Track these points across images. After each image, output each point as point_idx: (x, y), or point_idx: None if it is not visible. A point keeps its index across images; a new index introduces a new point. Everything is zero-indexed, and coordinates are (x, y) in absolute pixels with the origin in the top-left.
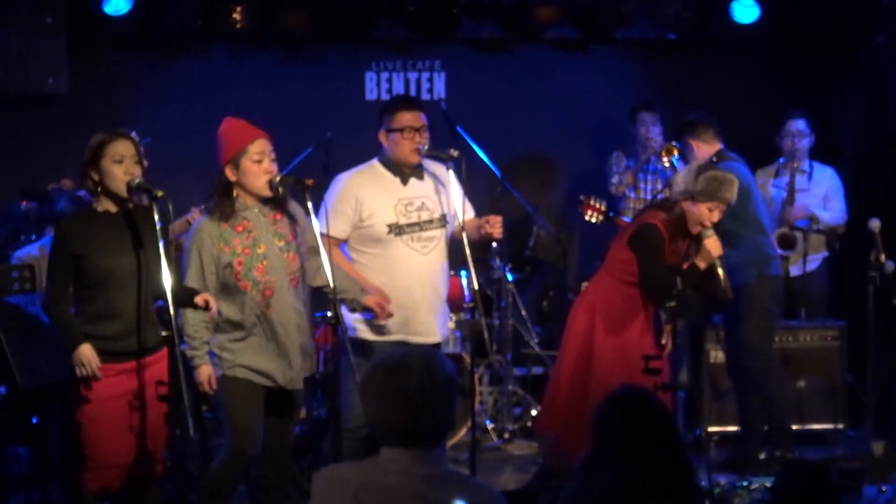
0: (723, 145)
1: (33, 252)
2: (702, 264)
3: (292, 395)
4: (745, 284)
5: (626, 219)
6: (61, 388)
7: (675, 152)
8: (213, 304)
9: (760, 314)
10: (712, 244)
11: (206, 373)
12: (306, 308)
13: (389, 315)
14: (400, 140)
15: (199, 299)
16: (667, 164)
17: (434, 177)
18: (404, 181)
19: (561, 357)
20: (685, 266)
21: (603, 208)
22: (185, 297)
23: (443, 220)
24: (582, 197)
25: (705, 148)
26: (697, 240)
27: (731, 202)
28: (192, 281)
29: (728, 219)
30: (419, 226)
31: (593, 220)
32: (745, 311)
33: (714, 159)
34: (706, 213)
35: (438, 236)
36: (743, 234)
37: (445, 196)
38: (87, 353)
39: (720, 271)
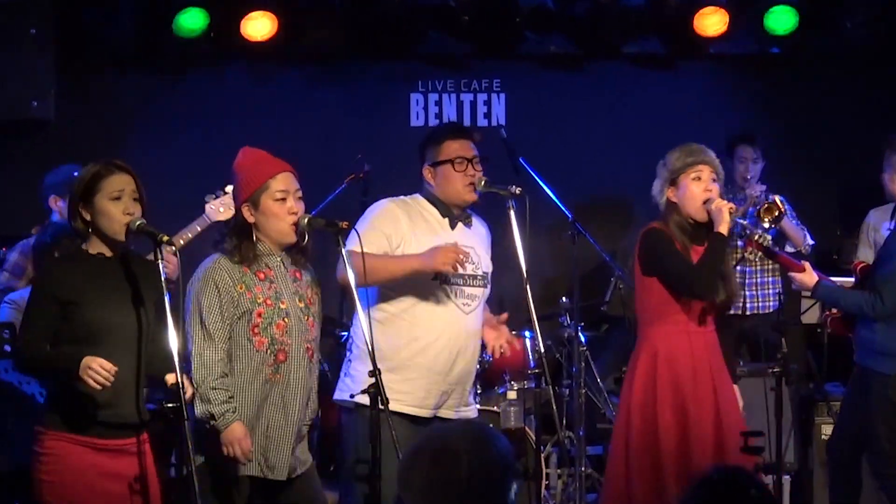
0: None
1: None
2: (723, 229)
3: (297, 485)
4: (880, 374)
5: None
6: None
7: (777, 212)
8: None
9: (892, 411)
10: (721, 203)
11: (241, 430)
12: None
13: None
14: (451, 173)
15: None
16: (767, 226)
17: (479, 230)
18: (452, 224)
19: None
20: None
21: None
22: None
23: (485, 279)
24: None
25: None
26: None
27: (715, 164)
28: (214, 327)
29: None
30: (463, 279)
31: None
32: (876, 405)
33: None
34: (695, 187)
35: (480, 296)
36: None
37: (487, 255)
38: (89, 360)
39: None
